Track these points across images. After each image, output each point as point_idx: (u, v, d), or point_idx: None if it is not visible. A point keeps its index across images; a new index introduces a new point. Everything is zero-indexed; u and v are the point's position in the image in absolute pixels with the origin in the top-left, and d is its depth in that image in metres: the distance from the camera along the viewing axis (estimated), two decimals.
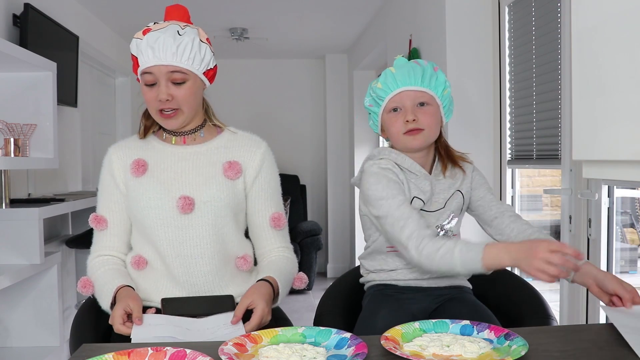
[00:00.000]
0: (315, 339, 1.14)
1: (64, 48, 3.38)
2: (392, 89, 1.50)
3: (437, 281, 1.54)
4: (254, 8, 4.13)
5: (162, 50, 1.40)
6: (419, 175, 1.52)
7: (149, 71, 1.43)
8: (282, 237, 1.60)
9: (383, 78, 1.52)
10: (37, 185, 3.26)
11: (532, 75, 2.46)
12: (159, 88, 1.43)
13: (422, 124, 1.48)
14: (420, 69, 1.50)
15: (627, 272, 2.56)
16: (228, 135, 1.58)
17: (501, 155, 2.76)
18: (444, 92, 1.52)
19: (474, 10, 2.81)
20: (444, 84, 1.52)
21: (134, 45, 1.44)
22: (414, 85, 1.49)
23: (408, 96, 1.49)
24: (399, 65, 1.52)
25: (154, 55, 1.41)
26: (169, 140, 1.55)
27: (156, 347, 1.04)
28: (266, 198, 1.56)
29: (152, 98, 1.45)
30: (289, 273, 1.56)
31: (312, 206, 6.16)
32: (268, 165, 1.57)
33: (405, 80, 1.49)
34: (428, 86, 1.50)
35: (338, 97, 5.87)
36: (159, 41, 1.40)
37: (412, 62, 1.52)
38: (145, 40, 1.42)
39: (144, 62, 1.42)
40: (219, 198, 1.48)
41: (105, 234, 1.53)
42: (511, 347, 1.07)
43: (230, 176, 1.50)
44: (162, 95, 1.43)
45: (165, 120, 1.48)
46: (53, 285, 2.70)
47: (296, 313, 4.39)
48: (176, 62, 1.42)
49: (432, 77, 1.51)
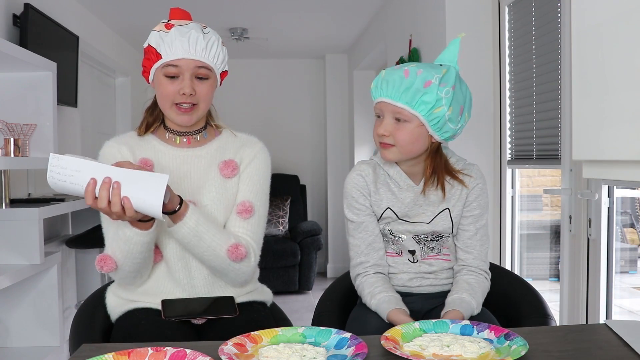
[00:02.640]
0: (315, 339, 1.14)
1: (64, 48, 3.38)
2: (375, 96, 1.45)
3: (435, 287, 1.55)
4: (254, 8, 4.13)
5: (193, 44, 1.40)
6: (402, 186, 1.51)
7: (176, 64, 1.40)
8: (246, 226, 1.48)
9: (376, 79, 1.46)
10: (37, 185, 3.26)
11: (532, 75, 2.46)
12: (182, 81, 1.41)
13: (394, 140, 1.42)
14: (405, 83, 1.37)
15: (627, 272, 2.56)
16: (227, 137, 1.57)
17: (501, 155, 2.76)
18: (433, 111, 1.37)
19: (474, 10, 2.81)
20: (434, 102, 1.36)
21: (156, 37, 1.42)
22: (392, 99, 1.39)
23: (387, 108, 1.42)
24: (390, 71, 1.42)
25: (183, 48, 1.39)
26: (172, 141, 1.52)
27: (156, 347, 1.04)
28: (245, 185, 1.51)
29: (173, 91, 1.42)
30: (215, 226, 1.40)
31: (312, 206, 6.16)
32: (259, 159, 1.54)
33: (386, 91, 1.41)
34: (408, 104, 1.38)
35: (338, 97, 5.87)
36: (191, 35, 1.40)
37: (402, 72, 1.39)
38: (173, 33, 1.40)
39: (171, 54, 1.40)
40: (218, 200, 1.47)
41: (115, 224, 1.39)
42: (511, 347, 1.07)
43: (227, 174, 1.49)
44: (186, 88, 1.41)
45: (180, 115, 1.45)
46: (53, 285, 2.70)
47: (296, 313, 4.39)
48: (204, 57, 1.42)
49: (417, 94, 1.36)
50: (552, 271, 2.97)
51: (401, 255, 1.53)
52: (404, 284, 1.53)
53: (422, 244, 1.52)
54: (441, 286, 1.54)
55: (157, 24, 1.45)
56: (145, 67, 1.46)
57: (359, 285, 1.52)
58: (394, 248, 1.54)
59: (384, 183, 1.52)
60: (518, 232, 2.75)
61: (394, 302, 1.43)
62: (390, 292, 1.46)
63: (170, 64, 1.40)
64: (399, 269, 1.53)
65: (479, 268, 1.52)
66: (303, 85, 6.13)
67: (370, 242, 1.52)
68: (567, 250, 2.20)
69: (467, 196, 1.52)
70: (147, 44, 1.44)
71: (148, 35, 1.46)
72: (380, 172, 1.53)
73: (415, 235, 1.51)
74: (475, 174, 1.53)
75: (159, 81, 1.44)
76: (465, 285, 1.47)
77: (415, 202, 1.50)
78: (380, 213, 1.51)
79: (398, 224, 1.51)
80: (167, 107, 1.45)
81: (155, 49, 1.42)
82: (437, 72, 1.38)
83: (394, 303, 1.42)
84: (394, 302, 1.42)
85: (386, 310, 1.41)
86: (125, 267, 1.38)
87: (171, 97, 1.43)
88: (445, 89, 1.37)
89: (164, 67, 1.41)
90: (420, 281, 1.53)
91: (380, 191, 1.51)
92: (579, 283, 2.12)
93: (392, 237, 1.52)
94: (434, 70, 1.38)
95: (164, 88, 1.43)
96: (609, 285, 2.03)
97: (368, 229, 1.52)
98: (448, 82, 1.38)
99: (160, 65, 1.42)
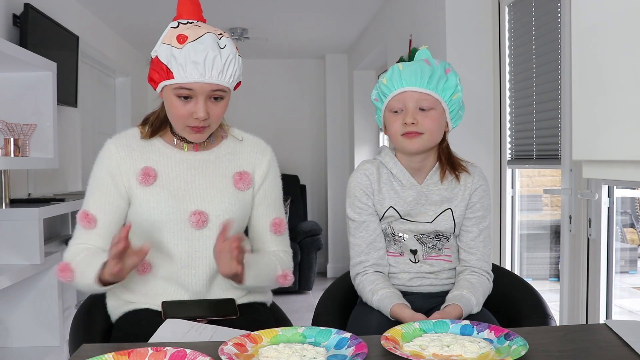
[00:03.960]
0: (315, 339, 1.14)
1: (64, 48, 3.37)
2: (395, 87, 1.44)
3: (435, 287, 1.55)
4: (254, 8, 4.13)
5: (209, 68, 1.31)
6: (405, 185, 1.51)
7: (189, 87, 1.33)
8: (281, 241, 1.58)
9: (389, 74, 1.46)
10: (37, 185, 3.26)
11: (532, 75, 2.46)
12: (196, 104, 1.34)
13: (422, 128, 1.43)
14: (429, 70, 1.42)
15: (627, 272, 2.56)
16: (234, 140, 1.54)
17: (501, 155, 2.76)
18: (452, 97, 1.44)
19: (474, 10, 2.80)
20: (454, 88, 1.44)
21: (167, 54, 1.32)
22: (419, 86, 1.42)
23: (411, 97, 1.43)
24: (408, 63, 1.45)
25: (198, 71, 1.31)
26: (180, 147, 1.48)
27: (156, 347, 1.04)
28: (269, 204, 1.55)
29: (186, 114, 1.35)
30: (265, 264, 1.49)
31: (312, 206, 6.16)
32: (273, 172, 1.57)
33: (410, 80, 1.43)
34: (434, 89, 1.42)
35: (338, 97, 5.87)
36: (206, 57, 1.30)
37: (422, 61, 1.45)
38: (186, 52, 1.30)
39: (185, 77, 1.31)
40: (231, 212, 1.46)
41: (90, 233, 1.42)
42: (511, 347, 1.07)
43: (242, 188, 1.48)
44: (200, 113, 1.34)
45: (192, 135, 1.41)
46: (53, 285, 2.70)
47: (296, 313, 4.39)
48: (221, 80, 1.34)
49: (441, 80, 1.43)
50: (552, 271, 2.97)
51: (403, 256, 1.54)
52: (404, 283, 1.53)
53: (423, 244, 1.52)
54: (441, 286, 1.54)
55: (167, 32, 1.35)
56: (154, 79, 1.38)
57: (358, 284, 1.52)
58: (395, 248, 1.54)
59: (387, 182, 1.52)
60: (518, 232, 2.75)
61: (396, 297, 1.43)
62: (391, 288, 1.46)
63: (184, 87, 1.33)
64: (400, 269, 1.53)
65: (482, 269, 1.52)
66: (303, 85, 6.13)
67: (371, 241, 1.52)
68: (567, 250, 2.20)
69: (470, 197, 1.52)
70: (156, 56, 1.35)
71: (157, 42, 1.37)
72: (384, 171, 1.53)
73: (417, 235, 1.51)
74: (478, 175, 1.54)
75: (169, 100, 1.37)
76: (466, 284, 1.47)
77: (417, 201, 1.50)
78: (383, 212, 1.51)
79: (400, 223, 1.51)
80: (179, 126, 1.41)
81: (165, 66, 1.33)
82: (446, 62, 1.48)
83: (396, 298, 1.42)
84: (396, 297, 1.43)
85: (389, 306, 1.41)
86: (77, 286, 1.42)
87: (184, 118, 1.37)
88: (457, 77, 1.47)
89: (176, 88, 1.34)
90: (421, 281, 1.53)
91: (383, 190, 1.51)
92: (579, 283, 2.12)
93: (394, 237, 1.52)
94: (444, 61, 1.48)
95: (176, 110, 1.36)
96: (609, 285, 2.03)
97: (369, 228, 1.52)
98: (456, 72, 1.49)
99: (171, 85, 1.35)
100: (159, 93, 1.42)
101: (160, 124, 1.48)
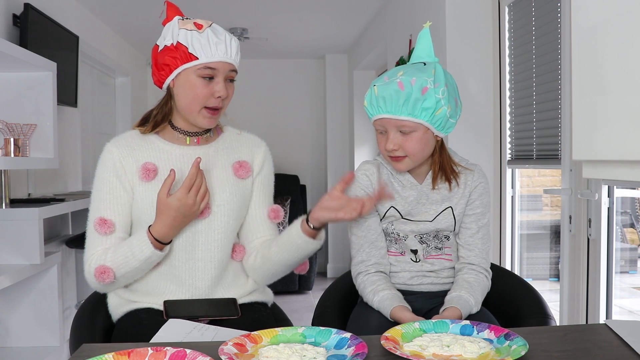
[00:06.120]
0: (315, 339, 1.14)
1: (64, 48, 3.37)
2: (374, 113, 1.43)
3: (435, 286, 1.55)
4: (254, 8, 4.13)
5: (229, 48, 1.42)
6: (406, 184, 1.52)
7: (214, 66, 1.40)
8: (277, 230, 1.61)
9: (368, 96, 1.44)
10: (37, 185, 3.26)
11: (532, 75, 2.46)
12: (218, 84, 1.42)
13: (406, 151, 1.42)
14: (403, 95, 1.36)
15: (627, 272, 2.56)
16: (231, 135, 1.58)
17: (501, 155, 2.76)
18: (435, 113, 1.38)
19: (474, 10, 2.81)
20: (434, 105, 1.37)
21: (187, 36, 1.39)
22: (394, 114, 1.39)
23: (389, 123, 1.41)
24: (383, 86, 1.39)
25: (222, 51, 1.40)
26: (183, 141, 1.50)
27: (156, 347, 1.04)
28: (265, 193, 1.59)
29: (207, 93, 1.42)
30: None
31: (312, 206, 6.10)
32: (268, 163, 1.61)
33: (385, 107, 1.39)
34: (411, 114, 1.37)
35: (338, 97, 5.87)
36: (226, 39, 1.42)
37: (395, 85, 1.37)
38: (208, 34, 1.39)
39: (211, 57, 1.39)
40: (232, 201, 1.49)
41: (111, 238, 1.45)
42: (511, 347, 1.07)
43: (242, 175, 1.52)
44: (222, 91, 1.42)
45: (208, 118, 1.45)
46: (53, 285, 2.70)
47: (296, 313, 4.39)
48: (236, 61, 1.45)
49: (417, 103, 1.36)
50: (552, 271, 2.97)
51: (404, 255, 1.54)
52: (404, 282, 1.53)
53: (424, 243, 1.52)
54: (442, 285, 1.55)
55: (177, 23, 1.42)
56: (169, 65, 1.41)
57: (360, 283, 1.53)
58: (396, 247, 1.54)
59: (388, 182, 1.52)
60: (518, 232, 2.75)
61: (397, 299, 1.43)
62: (392, 289, 1.46)
63: (209, 66, 1.40)
64: (401, 268, 1.54)
65: (480, 266, 1.52)
66: (303, 85, 6.13)
67: (373, 240, 1.52)
68: (567, 250, 2.20)
69: (470, 194, 1.53)
70: (176, 42, 1.39)
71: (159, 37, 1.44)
72: (384, 171, 1.54)
73: (418, 234, 1.51)
74: (478, 173, 1.55)
75: (190, 82, 1.41)
76: (464, 284, 1.47)
77: (418, 201, 1.51)
78: (384, 212, 1.52)
79: (401, 223, 1.51)
80: (196, 109, 1.43)
81: (186, 48, 1.39)
82: (428, 74, 1.38)
83: (397, 300, 1.43)
84: (397, 299, 1.43)
85: (389, 308, 1.41)
86: (122, 280, 1.44)
87: (204, 98, 1.42)
88: (440, 89, 1.37)
89: (200, 68, 1.40)
90: (421, 279, 1.53)
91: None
92: (579, 283, 2.12)
93: (395, 236, 1.53)
94: (424, 73, 1.38)
95: (199, 90, 1.41)
96: (609, 285, 2.03)
97: (371, 227, 1.52)
98: (440, 81, 1.39)
99: (194, 66, 1.40)
100: (171, 81, 1.43)
101: (162, 117, 1.49)
